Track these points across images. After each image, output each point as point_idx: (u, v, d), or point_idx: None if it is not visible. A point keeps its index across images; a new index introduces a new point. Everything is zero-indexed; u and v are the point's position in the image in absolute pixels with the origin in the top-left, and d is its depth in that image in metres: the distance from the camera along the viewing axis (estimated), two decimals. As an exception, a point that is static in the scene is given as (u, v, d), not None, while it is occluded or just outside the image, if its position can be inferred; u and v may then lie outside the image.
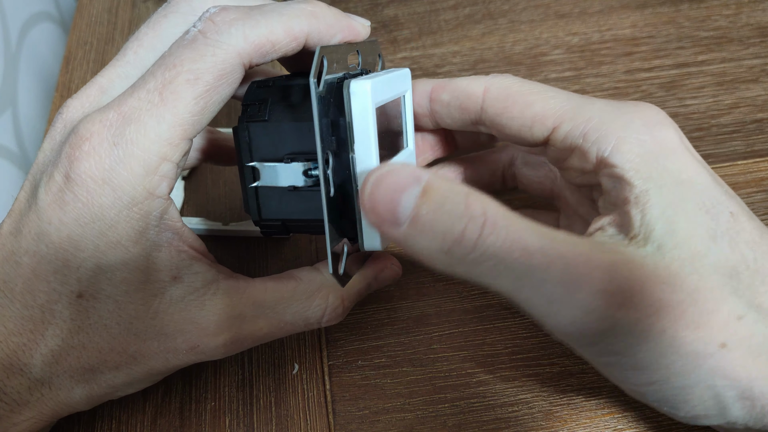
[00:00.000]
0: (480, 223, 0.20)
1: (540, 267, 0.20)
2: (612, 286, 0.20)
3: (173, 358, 0.25)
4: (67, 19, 0.57)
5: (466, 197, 0.20)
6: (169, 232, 0.24)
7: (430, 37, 0.45)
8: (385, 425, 0.29)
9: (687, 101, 0.40)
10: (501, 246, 0.20)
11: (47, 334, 0.24)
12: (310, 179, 0.25)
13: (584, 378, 0.29)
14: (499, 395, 0.29)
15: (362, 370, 0.30)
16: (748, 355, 0.21)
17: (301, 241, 0.35)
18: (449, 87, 0.28)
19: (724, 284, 0.21)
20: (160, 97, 0.23)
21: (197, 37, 0.23)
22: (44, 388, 0.24)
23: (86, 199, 0.23)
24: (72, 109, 0.25)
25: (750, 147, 0.37)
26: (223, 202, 0.37)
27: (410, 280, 0.33)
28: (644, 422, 0.28)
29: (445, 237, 0.20)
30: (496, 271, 0.20)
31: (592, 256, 0.20)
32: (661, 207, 0.22)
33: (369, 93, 0.23)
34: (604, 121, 0.24)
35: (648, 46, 0.43)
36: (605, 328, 0.20)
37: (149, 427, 0.30)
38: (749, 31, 0.43)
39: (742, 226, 0.23)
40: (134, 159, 0.23)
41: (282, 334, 0.27)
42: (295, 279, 0.27)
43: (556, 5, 0.46)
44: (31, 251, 0.23)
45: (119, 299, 0.24)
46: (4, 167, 0.43)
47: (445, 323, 0.32)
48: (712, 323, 0.21)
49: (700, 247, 0.22)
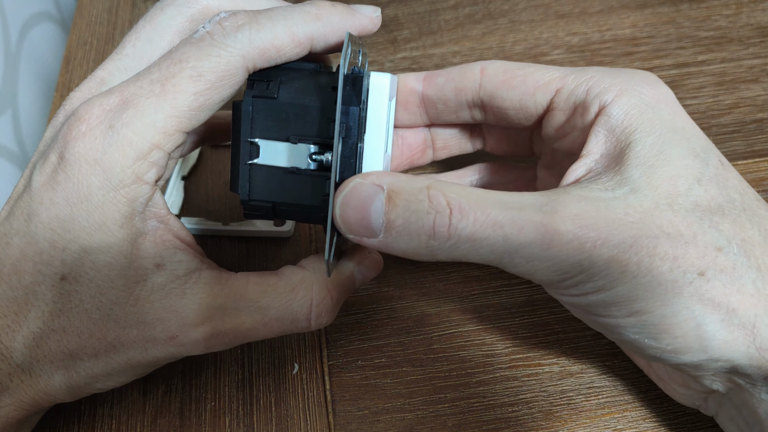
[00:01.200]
0: (447, 213, 0.21)
1: (513, 235, 0.21)
2: (582, 231, 0.21)
3: (152, 347, 0.25)
4: (67, 19, 0.57)
5: (428, 191, 0.22)
6: (155, 220, 0.25)
7: (430, 37, 0.45)
8: (385, 425, 0.29)
9: (687, 101, 0.40)
10: (473, 228, 0.21)
11: (30, 316, 0.24)
12: (314, 163, 0.25)
13: (584, 378, 0.29)
14: (499, 395, 0.29)
15: (362, 370, 0.30)
16: (730, 284, 0.21)
17: (301, 241, 0.35)
18: (444, 71, 0.29)
19: (702, 219, 0.22)
20: (162, 88, 0.23)
21: (204, 37, 0.24)
22: (24, 375, 0.24)
23: (77, 179, 0.23)
24: (74, 100, 0.26)
25: (750, 147, 0.37)
26: (223, 202, 0.37)
27: (410, 280, 0.33)
28: (644, 422, 0.28)
29: (419, 235, 0.22)
30: (474, 249, 0.22)
31: (559, 211, 0.21)
32: (643, 153, 0.23)
33: (388, 86, 0.24)
34: (605, 77, 0.25)
35: (648, 46, 0.43)
36: (583, 270, 0.21)
37: (149, 427, 0.30)
38: (749, 31, 0.43)
39: (730, 174, 0.24)
40: (127, 143, 0.23)
41: (269, 331, 0.26)
42: (277, 275, 0.27)
43: (556, 5, 0.46)
44: (21, 231, 0.24)
45: (101, 284, 0.24)
46: (4, 167, 0.43)
47: (445, 323, 0.32)
48: (689, 254, 0.21)
49: (681, 187, 0.22)
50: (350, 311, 0.32)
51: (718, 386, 0.24)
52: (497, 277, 0.33)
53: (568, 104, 0.26)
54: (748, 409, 0.24)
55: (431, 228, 0.22)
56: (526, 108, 0.27)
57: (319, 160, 0.25)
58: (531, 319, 0.31)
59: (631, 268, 0.21)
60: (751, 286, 0.21)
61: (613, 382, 0.29)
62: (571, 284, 0.22)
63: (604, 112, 0.24)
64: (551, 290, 0.24)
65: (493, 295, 0.32)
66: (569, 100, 0.26)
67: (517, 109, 0.27)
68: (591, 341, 0.30)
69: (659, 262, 0.21)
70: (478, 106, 0.29)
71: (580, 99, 0.25)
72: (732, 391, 0.24)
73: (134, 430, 0.29)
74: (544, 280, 0.22)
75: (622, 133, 0.24)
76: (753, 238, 0.22)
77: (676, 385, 0.27)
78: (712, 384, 0.24)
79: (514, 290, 0.32)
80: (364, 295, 0.33)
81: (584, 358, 0.30)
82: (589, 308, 0.23)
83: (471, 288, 0.33)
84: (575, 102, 0.26)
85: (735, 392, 0.24)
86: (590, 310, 0.23)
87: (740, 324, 0.21)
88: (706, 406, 0.26)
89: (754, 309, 0.21)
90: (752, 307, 0.21)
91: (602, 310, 0.23)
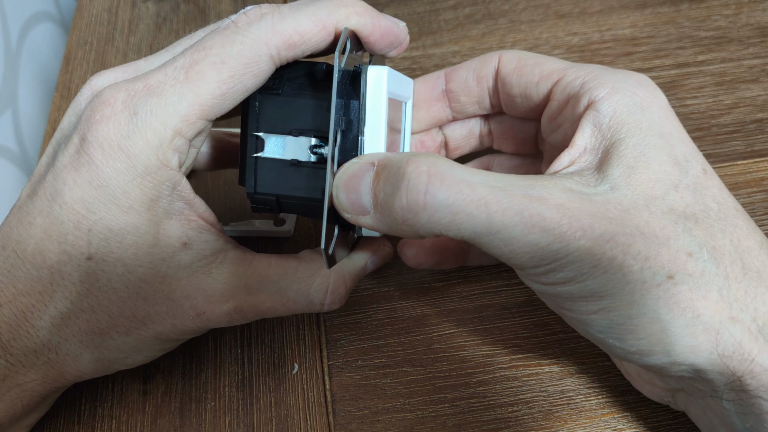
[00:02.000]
0: (424, 181, 0.21)
1: (497, 215, 0.21)
2: (565, 220, 0.21)
3: (180, 323, 0.26)
4: (67, 19, 0.57)
5: (407, 160, 0.22)
6: (182, 202, 0.25)
7: (430, 37, 0.45)
8: (385, 425, 0.29)
9: (687, 101, 0.40)
10: (455, 199, 0.21)
11: (56, 296, 0.24)
12: (315, 156, 0.25)
13: (584, 378, 0.29)
14: (499, 395, 0.29)
15: (362, 370, 0.30)
16: (696, 290, 0.21)
17: (301, 241, 0.35)
18: (464, 63, 0.30)
19: (676, 223, 0.22)
20: (186, 75, 0.24)
21: (229, 26, 0.24)
22: (51, 353, 0.25)
23: (101, 162, 0.23)
24: (104, 78, 0.26)
25: (750, 147, 0.37)
26: (223, 202, 0.37)
27: (410, 280, 0.33)
28: (644, 422, 0.28)
29: (395, 207, 0.22)
30: (455, 224, 0.21)
31: (545, 198, 0.21)
32: (626, 153, 0.23)
33: (385, 79, 0.24)
34: (603, 74, 0.25)
35: (648, 46, 0.43)
36: (558, 258, 0.21)
37: (149, 427, 0.30)
38: (749, 31, 0.43)
39: (711, 183, 0.24)
40: (151, 130, 0.23)
41: (285, 311, 0.27)
42: (297, 258, 0.27)
43: (556, 5, 0.46)
44: (45, 211, 0.24)
45: (128, 262, 0.24)
46: (4, 167, 0.43)
47: (445, 323, 0.32)
48: (661, 255, 0.21)
49: (658, 191, 0.23)
50: (350, 311, 0.32)
51: (683, 386, 0.24)
52: (497, 277, 0.33)
53: (563, 95, 0.26)
54: (711, 411, 0.24)
55: (405, 195, 0.21)
56: (530, 96, 0.28)
57: (319, 153, 0.25)
58: (531, 319, 0.31)
59: (604, 263, 0.21)
60: (716, 294, 0.21)
61: (613, 382, 0.29)
62: (543, 272, 0.22)
63: (593, 106, 0.25)
64: (522, 275, 0.24)
65: (493, 295, 0.32)
66: (564, 91, 0.26)
67: (523, 97, 0.28)
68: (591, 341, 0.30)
69: (632, 260, 0.21)
70: (495, 93, 0.29)
71: (574, 91, 0.26)
72: (696, 393, 0.24)
73: (134, 430, 0.29)
74: (517, 264, 0.22)
75: (608, 130, 0.24)
76: (724, 247, 0.22)
77: (644, 382, 0.27)
78: (678, 384, 0.24)
79: (514, 290, 0.32)
80: (364, 295, 0.33)
81: (584, 358, 0.30)
82: (557, 299, 0.23)
83: (471, 288, 0.33)
84: (569, 93, 0.26)
85: (698, 395, 0.24)
86: (559, 303, 0.24)
87: (704, 330, 0.21)
88: (675, 402, 0.27)
89: (718, 316, 0.21)
90: (716, 313, 0.21)
91: (570, 303, 0.23)
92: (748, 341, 0.21)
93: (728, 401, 0.22)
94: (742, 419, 0.23)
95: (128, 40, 0.47)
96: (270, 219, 0.36)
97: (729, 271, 0.22)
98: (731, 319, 0.21)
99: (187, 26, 0.48)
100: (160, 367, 0.31)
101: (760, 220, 0.34)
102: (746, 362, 0.21)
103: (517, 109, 0.29)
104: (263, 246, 0.35)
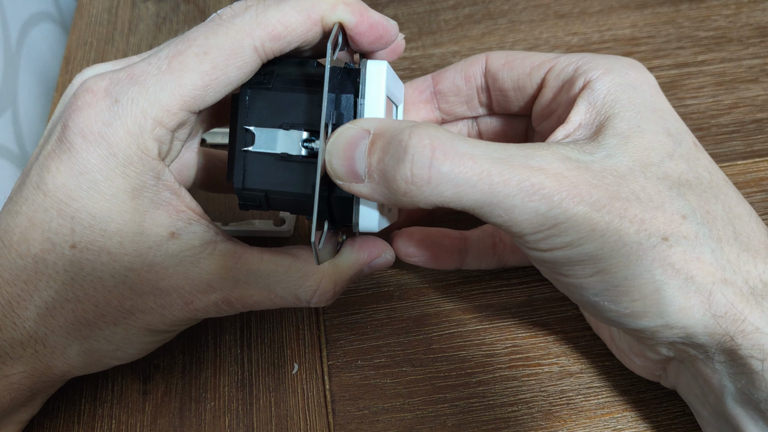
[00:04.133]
0: (428, 155, 0.21)
1: (499, 185, 0.21)
2: (564, 188, 0.21)
3: (169, 313, 0.25)
4: (67, 19, 0.57)
5: (410, 132, 0.22)
6: (168, 192, 0.25)
7: (430, 37, 0.45)
8: (384, 425, 0.29)
9: (687, 101, 0.40)
10: (459, 171, 0.21)
11: (40, 285, 0.24)
12: (306, 150, 0.25)
13: (584, 378, 0.29)
14: (499, 395, 0.29)
15: (362, 370, 0.30)
16: (690, 251, 0.22)
17: (301, 241, 0.35)
18: (450, 66, 0.30)
19: (671, 188, 0.23)
20: (168, 66, 0.24)
21: (214, 18, 0.24)
22: (38, 345, 0.25)
23: (81, 148, 0.23)
24: (95, 70, 0.26)
25: (750, 147, 0.37)
26: (223, 202, 0.37)
27: (410, 280, 0.33)
28: (644, 422, 0.28)
29: (396, 179, 0.22)
30: (458, 195, 0.22)
31: (544, 167, 0.22)
32: (620, 125, 0.24)
33: (384, 73, 0.24)
34: (595, 58, 0.26)
35: (648, 46, 0.43)
36: (557, 224, 0.22)
37: (149, 427, 0.30)
38: (749, 31, 0.43)
39: (702, 155, 0.25)
40: (131, 118, 0.23)
41: (272, 304, 0.27)
42: (291, 255, 0.27)
43: (556, 5, 0.46)
44: (30, 199, 0.24)
45: (113, 251, 0.24)
46: (4, 167, 0.43)
47: (445, 323, 0.32)
48: (657, 218, 0.22)
49: (654, 158, 0.23)
50: (350, 311, 0.32)
51: (674, 354, 0.25)
52: (497, 277, 0.33)
53: (558, 81, 0.27)
54: (702, 378, 0.24)
55: (409, 169, 0.21)
56: (523, 87, 0.28)
57: (310, 147, 0.25)
58: (531, 319, 0.31)
59: (601, 227, 0.22)
60: (710, 256, 0.22)
61: (613, 382, 0.29)
62: (542, 237, 0.22)
63: (588, 86, 0.25)
64: (520, 242, 0.24)
65: (493, 295, 0.32)
66: (559, 77, 0.27)
67: (516, 90, 0.29)
68: (591, 341, 0.30)
69: (628, 224, 0.22)
70: (485, 91, 0.30)
71: (568, 76, 0.26)
72: (687, 360, 0.24)
73: (134, 430, 0.29)
74: (517, 231, 0.22)
75: (603, 107, 0.25)
76: (716, 211, 0.23)
77: (635, 356, 0.27)
78: (669, 352, 0.25)
79: (514, 290, 0.32)
80: (364, 295, 0.33)
81: (584, 358, 0.30)
82: (554, 265, 0.24)
83: (471, 288, 0.33)
84: (564, 79, 0.27)
85: (690, 362, 0.24)
86: (555, 269, 0.24)
87: (697, 291, 0.22)
88: (666, 377, 0.27)
89: (711, 277, 0.22)
90: (709, 275, 0.22)
91: (567, 268, 0.23)
92: (740, 302, 0.22)
93: (720, 362, 0.23)
94: (734, 380, 0.23)
95: (128, 40, 0.47)
96: (270, 219, 0.36)
97: (721, 234, 0.23)
98: (724, 281, 0.22)
99: (187, 26, 0.48)
100: (160, 367, 0.31)
101: (760, 220, 0.34)
102: (738, 322, 0.22)
103: (510, 103, 0.29)
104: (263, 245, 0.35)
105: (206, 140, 0.40)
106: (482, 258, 0.32)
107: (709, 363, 0.23)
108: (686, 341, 0.23)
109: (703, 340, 0.22)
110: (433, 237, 0.31)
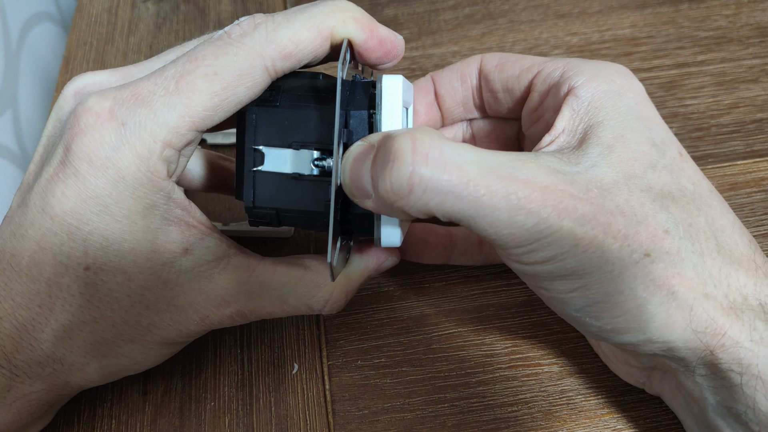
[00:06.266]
0: (408, 159, 0.20)
1: (486, 197, 0.21)
2: (550, 202, 0.21)
3: (185, 328, 0.26)
4: (67, 19, 0.57)
5: (393, 138, 0.21)
6: (179, 209, 0.25)
7: (430, 37, 0.45)
8: (384, 425, 0.29)
9: (687, 101, 0.40)
10: (445, 178, 0.21)
11: (56, 308, 0.24)
12: (317, 169, 0.25)
13: (584, 378, 0.29)
14: (499, 395, 0.29)
15: (362, 370, 0.30)
16: (672, 267, 0.22)
17: (300, 241, 0.35)
18: (447, 67, 0.30)
19: (654, 201, 0.23)
20: (176, 86, 0.23)
21: (222, 36, 0.24)
22: (56, 364, 0.25)
23: (88, 174, 0.23)
24: (88, 80, 0.26)
25: (750, 147, 0.37)
26: (223, 202, 0.37)
27: (410, 280, 0.33)
28: (644, 422, 0.28)
29: (384, 189, 0.21)
30: (440, 204, 0.21)
31: (531, 181, 0.21)
32: (604, 134, 0.24)
33: (400, 88, 0.24)
34: (581, 64, 0.26)
35: (647, 46, 0.43)
36: (540, 238, 0.21)
37: (149, 427, 0.30)
38: (749, 31, 0.43)
39: (687, 165, 0.25)
40: (140, 142, 0.23)
41: (284, 314, 0.27)
42: (304, 267, 0.27)
43: (556, 5, 0.46)
44: (36, 224, 0.23)
45: (127, 270, 0.24)
46: (4, 167, 0.43)
47: (445, 323, 0.32)
48: (640, 234, 0.22)
49: (637, 170, 0.23)
50: (350, 311, 0.32)
51: (656, 365, 0.25)
52: (497, 277, 0.33)
53: (544, 86, 0.27)
54: (684, 389, 0.24)
55: (389, 178, 0.21)
56: (512, 90, 0.28)
57: (322, 165, 0.25)
58: (531, 319, 0.31)
59: (584, 243, 0.21)
60: (691, 271, 0.22)
61: (614, 382, 0.29)
62: (525, 251, 0.22)
63: (572, 92, 0.25)
64: (503, 254, 0.24)
65: (492, 295, 0.32)
66: (545, 82, 0.27)
67: (505, 92, 0.29)
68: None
69: (611, 240, 0.21)
70: (479, 92, 0.30)
71: (554, 80, 0.26)
72: (669, 372, 0.25)
73: (134, 430, 0.29)
74: (500, 244, 0.22)
75: (586, 114, 0.24)
76: (699, 224, 0.23)
77: (619, 362, 0.27)
78: (651, 362, 0.25)
79: (514, 290, 0.32)
80: (364, 295, 0.33)
81: (584, 358, 0.30)
82: (536, 279, 0.23)
83: (471, 288, 0.33)
84: (550, 83, 0.26)
85: (672, 373, 0.24)
86: (537, 282, 0.24)
87: (678, 306, 0.22)
88: (650, 384, 0.27)
89: (692, 292, 0.22)
90: (691, 290, 0.22)
91: (548, 283, 0.23)
92: (720, 316, 0.22)
93: (701, 376, 0.23)
94: (714, 393, 0.23)
95: (128, 41, 0.47)
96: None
97: (704, 248, 0.23)
98: (705, 296, 0.22)
99: (187, 26, 0.48)
100: (159, 367, 0.31)
101: (760, 220, 0.34)
102: (718, 336, 0.22)
103: (500, 105, 0.29)
104: (263, 246, 0.35)
105: (206, 140, 0.40)
106: (468, 255, 0.32)
107: (690, 376, 0.23)
108: (668, 354, 0.23)
109: (684, 354, 0.22)
110: (418, 233, 0.31)
